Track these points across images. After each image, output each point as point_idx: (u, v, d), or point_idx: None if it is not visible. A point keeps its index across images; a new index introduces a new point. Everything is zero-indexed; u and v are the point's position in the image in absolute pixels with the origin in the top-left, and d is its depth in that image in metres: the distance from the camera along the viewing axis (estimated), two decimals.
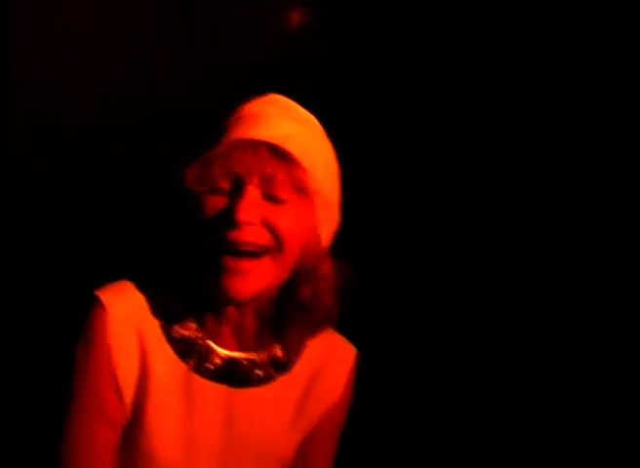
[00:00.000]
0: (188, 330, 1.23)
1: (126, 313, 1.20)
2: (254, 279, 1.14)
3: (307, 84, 2.10)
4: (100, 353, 1.19)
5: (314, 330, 1.28)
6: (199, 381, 1.23)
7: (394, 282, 2.16)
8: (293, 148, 1.14)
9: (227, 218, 1.12)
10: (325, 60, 2.14)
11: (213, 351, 1.23)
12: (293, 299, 1.23)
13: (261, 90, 1.25)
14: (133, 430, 1.21)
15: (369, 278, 1.74)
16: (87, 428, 1.19)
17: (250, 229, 1.12)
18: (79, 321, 1.21)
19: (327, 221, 1.22)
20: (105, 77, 2.04)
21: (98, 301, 1.20)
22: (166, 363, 1.21)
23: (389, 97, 2.18)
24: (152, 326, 1.22)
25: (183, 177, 1.16)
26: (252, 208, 1.12)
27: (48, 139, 2.02)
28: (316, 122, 1.23)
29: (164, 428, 1.21)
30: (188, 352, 1.23)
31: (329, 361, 1.31)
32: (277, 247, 1.15)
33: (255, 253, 1.14)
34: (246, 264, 1.14)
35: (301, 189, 1.15)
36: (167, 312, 1.22)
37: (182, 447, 1.22)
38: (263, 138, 1.13)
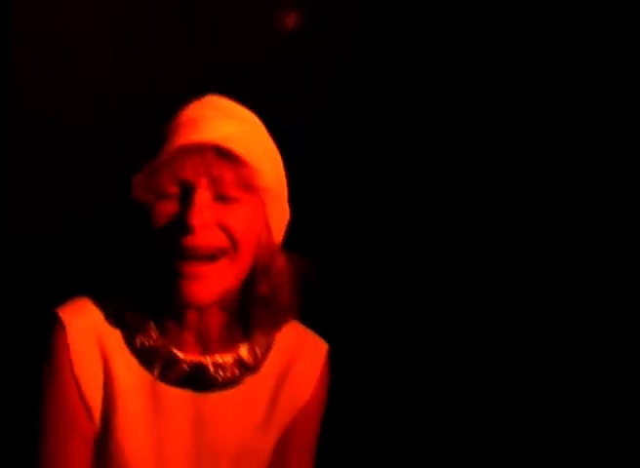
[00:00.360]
0: (150, 338, 1.23)
1: (85, 328, 1.21)
2: (213, 282, 1.14)
3: (307, 84, 2.10)
4: (64, 370, 1.20)
5: (277, 325, 1.27)
6: (165, 389, 1.23)
7: (380, 278, 2.15)
8: (237, 147, 1.14)
9: (180, 224, 1.12)
10: (325, 60, 2.14)
11: (176, 357, 1.23)
12: (252, 297, 1.23)
13: (262, 89, 1.25)
14: (104, 442, 1.22)
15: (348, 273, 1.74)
16: (60, 444, 1.20)
17: (204, 233, 1.12)
18: (42, 338, 1.23)
19: (277, 217, 1.22)
20: (105, 77, 2.04)
21: (57, 319, 1.22)
22: (130, 373, 1.22)
23: (389, 96, 2.18)
24: (114, 337, 1.23)
25: (130, 187, 1.16)
26: (204, 211, 1.12)
27: (48, 139, 2.02)
28: (257, 119, 1.23)
29: (133, 438, 1.22)
30: (152, 360, 1.23)
31: (299, 357, 1.30)
32: (233, 247, 1.15)
33: (211, 257, 1.14)
34: (203, 269, 1.13)
35: (250, 187, 1.15)
36: (128, 322, 1.23)
37: (153, 455, 1.23)
38: (206, 141, 1.13)
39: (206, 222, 1.12)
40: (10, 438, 1.69)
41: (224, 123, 1.16)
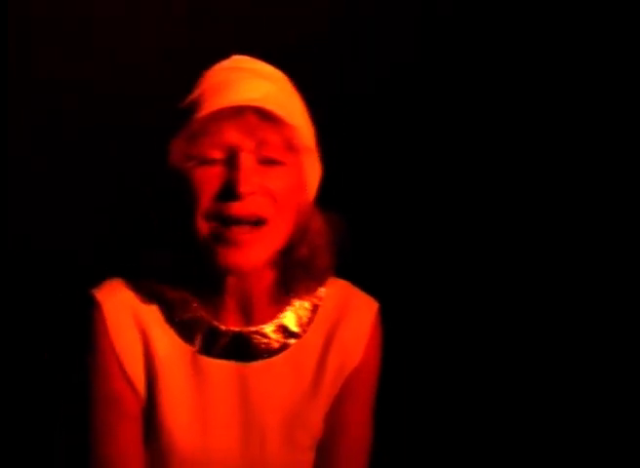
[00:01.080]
0: (190, 311, 1.21)
1: (122, 306, 1.19)
2: (256, 249, 1.12)
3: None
4: (105, 350, 1.18)
5: (316, 287, 1.24)
6: (207, 361, 1.20)
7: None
8: (277, 108, 1.11)
9: (226, 191, 1.09)
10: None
11: (218, 329, 1.21)
12: (292, 260, 1.19)
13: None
14: (150, 419, 1.20)
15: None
16: (110, 427, 1.18)
17: (250, 200, 1.10)
18: (78, 322, 1.21)
19: (313, 175, 1.20)
20: (106, 77, 2.04)
21: (92, 300, 1.19)
22: (171, 347, 1.20)
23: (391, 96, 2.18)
24: (152, 312, 1.20)
25: (168, 154, 1.13)
26: (251, 177, 1.09)
27: (48, 139, 2.02)
28: (285, 76, 1.19)
29: (178, 412, 1.19)
30: (192, 333, 1.20)
31: (346, 318, 1.25)
32: (278, 211, 1.12)
33: (255, 222, 1.11)
34: (247, 235, 1.11)
35: (292, 148, 1.13)
36: (166, 297, 1.20)
37: (199, 429, 1.20)
38: (246, 102, 1.09)
39: (253, 188, 1.09)
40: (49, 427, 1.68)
41: (260, 83, 1.13)
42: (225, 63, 1.18)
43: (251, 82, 1.13)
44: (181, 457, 1.19)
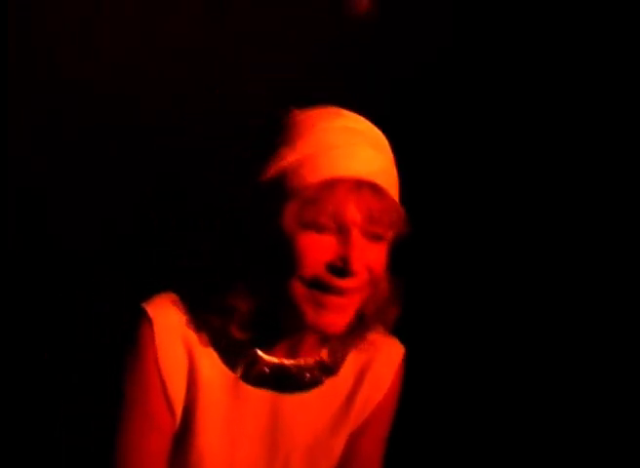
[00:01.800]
0: (236, 338, 1.23)
1: (172, 324, 1.21)
2: (347, 313, 1.16)
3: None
4: (149, 365, 1.20)
5: (363, 339, 1.28)
6: (246, 389, 1.24)
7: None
8: (387, 185, 1.13)
9: (338, 266, 1.12)
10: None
11: (260, 359, 1.24)
12: (358, 318, 1.22)
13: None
14: (182, 438, 1.23)
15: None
16: (139, 438, 1.21)
17: (357, 276, 1.13)
18: (125, 333, 1.22)
19: None
20: (106, 77, 2.04)
21: (144, 314, 1.21)
22: (214, 371, 1.23)
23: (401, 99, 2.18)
24: (200, 335, 1.23)
25: (279, 217, 1.11)
26: (362, 256, 1.12)
27: (48, 139, 2.02)
28: (386, 141, 1.19)
29: (211, 435, 1.23)
30: (236, 360, 1.23)
31: (376, 359, 1.32)
32: (371, 282, 1.17)
33: (350, 292, 1.15)
34: (344, 301, 1.15)
35: (393, 225, 1.16)
36: (215, 321, 1.21)
37: (228, 453, 1.24)
38: (365, 177, 1.10)
39: (362, 267, 1.13)
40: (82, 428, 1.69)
41: (375, 155, 1.14)
42: (334, 121, 1.15)
43: (366, 151, 1.13)
44: None
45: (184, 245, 1.47)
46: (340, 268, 1.11)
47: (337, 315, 1.15)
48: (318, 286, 1.13)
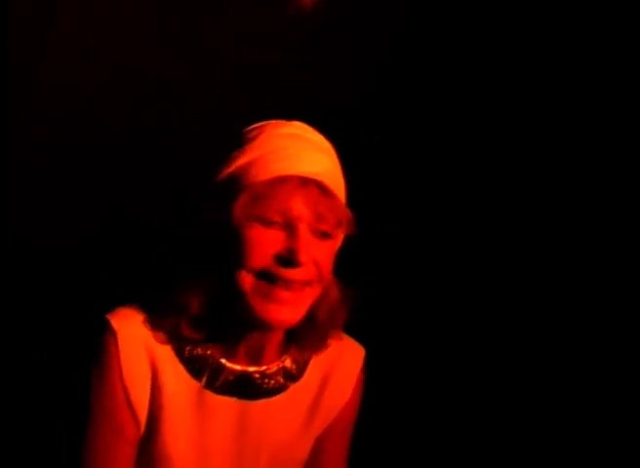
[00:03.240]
0: (200, 348, 1.27)
1: (136, 334, 1.24)
2: (297, 308, 1.21)
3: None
4: (114, 377, 1.23)
5: (323, 345, 1.33)
6: (211, 397, 1.27)
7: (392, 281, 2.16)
8: (334, 185, 1.20)
9: (285, 258, 1.17)
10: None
11: (224, 367, 1.28)
12: (310, 320, 1.27)
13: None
14: (148, 446, 1.26)
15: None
16: (105, 446, 1.24)
17: (303, 268, 1.18)
18: (89, 343, 1.25)
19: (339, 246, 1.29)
20: (106, 77, 2.04)
21: (108, 325, 1.24)
22: (178, 381, 1.26)
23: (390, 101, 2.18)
24: (164, 346, 1.26)
25: (230, 212, 1.17)
26: (308, 249, 1.18)
27: (48, 139, 2.02)
28: (333, 150, 1.27)
29: (178, 444, 1.25)
30: (200, 370, 1.27)
31: (338, 362, 1.36)
32: (319, 279, 1.22)
33: (300, 287, 1.20)
34: (292, 295, 1.19)
35: (340, 224, 1.22)
36: (178, 332, 1.25)
37: (196, 461, 1.27)
38: (311, 175, 1.18)
39: (310, 259, 1.18)
40: (48, 437, 1.70)
41: (321, 157, 1.21)
42: (285, 129, 1.23)
43: (312, 154, 1.20)
44: None
45: (148, 250, 1.54)
46: (287, 259, 1.17)
47: (285, 308, 1.19)
48: (266, 277, 1.18)
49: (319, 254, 1.20)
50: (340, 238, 1.25)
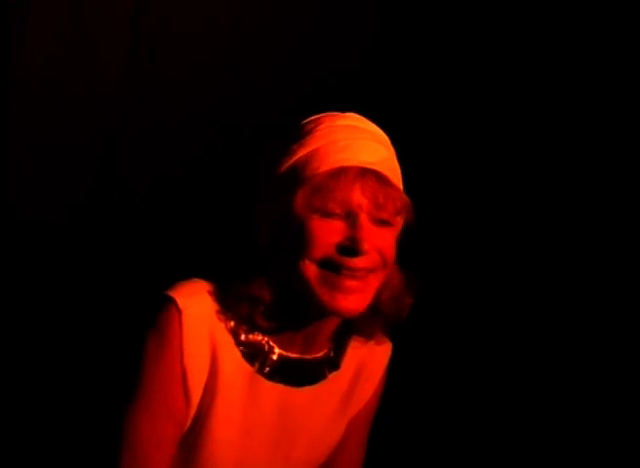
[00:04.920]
0: (256, 334, 1.29)
1: (200, 316, 1.24)
2: (363, 296, 1.23)
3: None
4: (174, 354, 1.23)
5: (375, 333, 1.37)
6: (261, 382, 1.29)
7: None
8: (391, 174, 1.23)
9: (347, 246, 1.20)
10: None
11: (277, 354, 1.30)
12: (373, 309, 1.29)
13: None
14: (195, 428, 1.27)
15: None
16: (152, 425, 1.23)
17: (366, 256, 1.20)
18: (147, 318, 1.24)
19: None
20: (106, 77, 2.05)
21: (174, 302, 1.23)
22: (233, 365, 1.27)
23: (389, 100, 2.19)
24: (223, 328, 1.27)
25: (291, 204, 1.20)
26: (370, 237, 1.20)
27: (48, 139, 2.02)
28: (388, 139, 1.30)
29: (226, 426, 1.27)
30: (255, 355, 1.29)
31: (371, 354, 1.41)
32: (383, 266, 1.24)
33: (364, 274, 1.22)
34: (356, 284, 1.21)
35: (399, 212, 1.24)
36: (237, 316, 1.27)
37: (239, 443, 1.29)
38: (369, 166, 1.20)
39: (371, 248, 1.20)
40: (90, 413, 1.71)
41: (378, 148, 1.24)
42: (342, 121, 1.26)
43: (370, 145, 1.23)
44: (217, 463, 1.28)
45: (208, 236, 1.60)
46: (350, 248, 1.19)
47: (352, 297, 1.21)
48: (330, 267, 1.20)
49: (381, 242, 1.22)
50: (400, 225, 1.26)
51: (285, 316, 1.27)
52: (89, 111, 2.04)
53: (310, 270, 1.20)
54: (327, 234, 1.20)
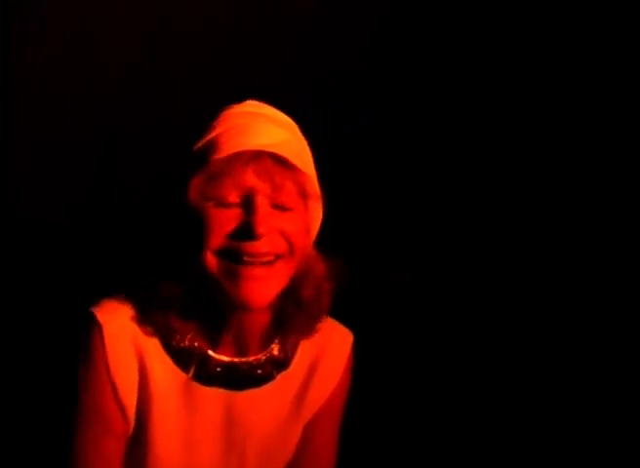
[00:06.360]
0: (186, 340, 1.25)
1: (122, 328, 1.22)
2: (270, 285, 1.17)
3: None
4: (100, 370, 1.22)
5: (312, 328, 1.30)
6: (199, 388, 1.25)
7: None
8: (291, 155, 1.16)
9: (244, 231, 1.14)
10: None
11: (211, 358, 1.26)
12: (295, 301, 1.25)
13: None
14: (137, 439, 1.25)
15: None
16: (94, 443, 1.23)
17: (267, 239, 1.15)
18: (75, 338, 1.24)
19: (316, 220, 1.26)
20: (106, 77, 2.05)
21: (93, 319, 1.22)
22: (166, 373, 1.24)
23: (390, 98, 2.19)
24: (150, 338, 1.24)
25: (186, 192, 1.17)
26: (267, 219, 1.14)
27: (48, 139, 2.02)
28: (295, 124, 1.25)
29: (166, 437, 1.24)
30: (187, 361, 1.25)
31: (326, 348, 1.34)
32: (289, 252, 1.18)
33: (269, 261, 1.17)
34: (262, 271, 1.16)
35: (303, 194, 1.19)
36: (164, 324, 1.23)
37: (185, 452, 1.26)
38: (264, 148, 1.15)
39: (269, 230, 1.15)
40: (39, 433, 1.71)
41: (276, 130, 1.18)
42: (241, 108, 1.23)
43: (267, 127, 1.18)
44: None
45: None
46: (246, 231, 1.14)
47: (257, 285, 1.15)
48: (231, 257, 1.15)
49: (285, 226, 1.17)
50: (309, 209, 1.21)
51: (201, 314, 1.23)
52: (89, 111, 2.04)
53: (212, 262, 1.16)
54: (223, 223, 1.15)
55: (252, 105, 1.24)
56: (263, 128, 1.18)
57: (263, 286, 1.16)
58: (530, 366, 2.10)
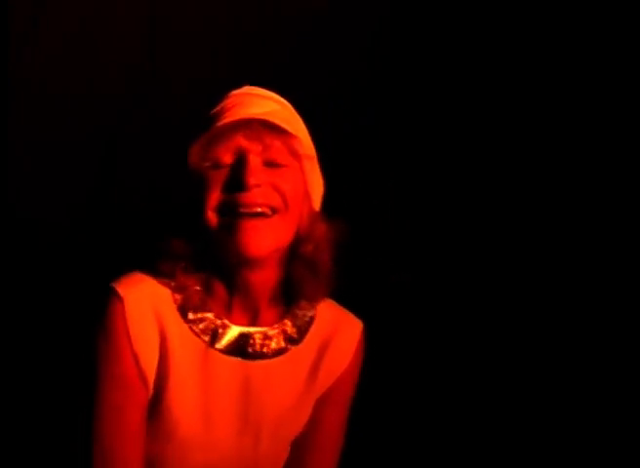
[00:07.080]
0: (203, 310, 1.32)
1: (142, 300, 1.29)
2: (267, 236, 1.26)
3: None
4: (122, 341, 1.27)
5: (320, 293, 1.37)
6: (216, 356, 1.31)
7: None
8: (279, 121, 1.27)
9: (236, 184, 1.25)
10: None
11: (228, 327, 1.32)
12: (297, 258, 1.33)
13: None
14: (156, 406, 1.29)
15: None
16: (117, 411, 1.27)
17: (259, 191, 1.25)
18: (95, 313, 1.28)
19: (315, 184, 1.35)
20: (106, 77, 2.05)
21: (114, 293, 1.28)
22: (184, 342, 1.30)
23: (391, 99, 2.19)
24: (169, 310, 1.31)
25: (189, 158, 1.28)
26: (257, 172, 1.25)
27: (48, 139, 2.02)
28: (287, 103, 1.36)
29: (184, 403, 1.29)
30: (204, 330, 1.32)
31: (337, 333, 1.41)
32: (284, 206, 1.27)
33: (265, 214, 1.26)
34: (259, 223, 1.25)
35: (295, 154, 1.29)
36: (180, 294, 1.31)
37: (202, 419, 1.31)
38: (254, 116, 1.27)
39: (260, 181, 1.25)
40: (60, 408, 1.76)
41: (267, 102, 1.31)
42: (241, 90, 1.36)
43: (258, 100, 1.32)
44: (182, 440, 1.30)
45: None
46: (238, 184, 1.25)
47: (253, 235, 1.24)
48: (228, 211, 1.25)
49: (278, 181, 1.27)
50: (304, 170, 1.31)
51: (206, 270, 1.31)
52: (89, 111, 2.05)
53: (212, 219, 1.26)
54: (219, 181, 1.26)
55: (247, 88, 1.36)
56: (255, 101, 1.31)
57: (260, 236, 1.25)
58: (530, 366, 2.10)
